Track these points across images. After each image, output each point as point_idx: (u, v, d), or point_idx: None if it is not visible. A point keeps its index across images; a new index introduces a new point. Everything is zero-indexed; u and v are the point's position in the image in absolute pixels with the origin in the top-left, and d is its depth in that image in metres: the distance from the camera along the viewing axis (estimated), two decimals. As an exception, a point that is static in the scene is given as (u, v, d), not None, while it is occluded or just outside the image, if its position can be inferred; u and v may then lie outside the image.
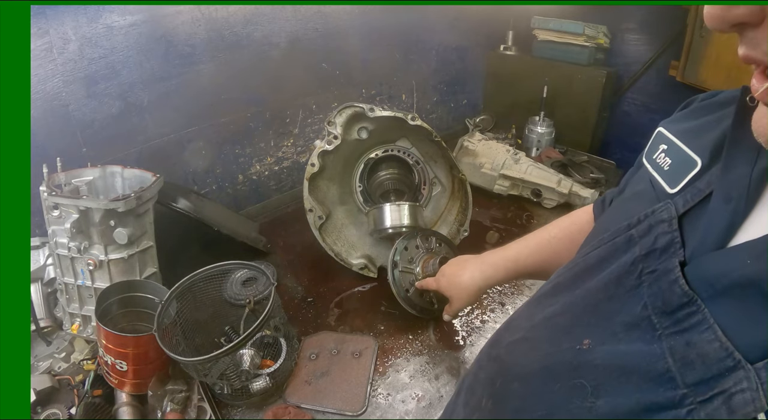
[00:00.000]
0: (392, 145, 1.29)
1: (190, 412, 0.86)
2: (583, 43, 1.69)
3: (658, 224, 0.44)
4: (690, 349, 0.35)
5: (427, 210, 1.34)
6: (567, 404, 0.43)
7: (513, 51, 1.97)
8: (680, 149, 0.50)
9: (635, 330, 0.41)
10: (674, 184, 0.47)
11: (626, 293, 0.43)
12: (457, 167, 1.21)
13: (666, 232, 0.43)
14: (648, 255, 0.43)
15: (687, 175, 0.46)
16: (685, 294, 0.37)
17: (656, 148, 0.53)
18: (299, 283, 1.23)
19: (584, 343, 0.44)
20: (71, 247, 0.92)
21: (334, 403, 0.89)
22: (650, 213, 0.46)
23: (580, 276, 0.51)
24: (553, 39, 1.77)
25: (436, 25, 1.79)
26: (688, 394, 0.34)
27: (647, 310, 0.40)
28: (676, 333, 0.37)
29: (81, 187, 0.99)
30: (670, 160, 0.50)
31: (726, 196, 0.41)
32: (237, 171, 1.45)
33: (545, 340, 0.51)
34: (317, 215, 1.19)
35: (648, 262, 0.43)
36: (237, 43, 1.30)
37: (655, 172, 0.51)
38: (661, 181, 0.49)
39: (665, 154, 0.51)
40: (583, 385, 0.42)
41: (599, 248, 0.50)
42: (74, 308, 0.97)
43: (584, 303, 0.48)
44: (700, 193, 0.43)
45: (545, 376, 0.47)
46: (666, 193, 0.48)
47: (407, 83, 1.80)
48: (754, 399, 0.30)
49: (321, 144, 1.15)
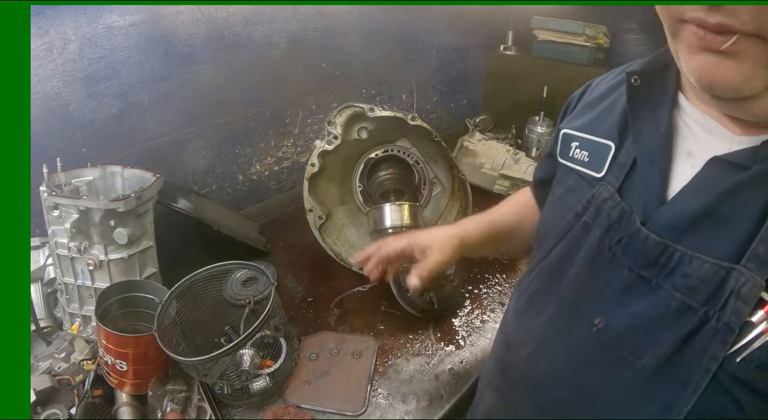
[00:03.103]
0: (392, 145, 1.29)
1: (190, 412, 0.86)
2: (583, 43, 1.69)
3: (603, 203, 0.50)
4: (689, 279, 0.42)
5: (427, 210, 1.34)
6: (618, 379, 0.47)
7: (513, 51, 1.97)
8: (591, 140, 0.56)
9: (633, 290, 0.46)
10: (599, 169, 0.53)
11: (606, 266, 0.49)
12: (457, 167, 1.21)
13: (614, 206, 0.49)
14: (608, 230, 0.49)
15: (606, 158, 0.53)
16: (659, 243, 0.44)
17: (568, 147, 0.59)
18: (299, 283, 1.23)
19: (596, 323, 0.49)
20: (71, 247, 0.92)
21: (334, 403, 0.89)
22: (591, 198, 0.52)
23: (554, 275, 0.56)
24: (553, 39, 1.77)
25: (436, 25, 1.78)
26: (708, 309, 0.40)
27: (633, 270, 0.46)
28: (668, 275, 0.43)
29: (81, 187, 0.99)
30: (587, 151, 0.56)
31: (649, 160, 0.48)
32: (237, 171, 1.45)
33: (559, 339, 0.54)
34: (317, 215, 1.19)
35: (611, 235, 0.48)
36: (237, 43, 1.30)
37: (577, 166, 0.57)
38: (587, 171, 0.55)
39: (579, 148, 0.57)
40: (621, 356, 0.46)
41: (559, 244, 0.55)
42: (74, 308, 0.97)
43: (573, 292, 0.52)
44: (625, 167, 0.50)
45: (581, 369, 0.50)
46: (596, 178, 0.53)
47: (407, 83, 1.80)
48: (754, 284, 0.38)
49: (321, 144, 1.15)
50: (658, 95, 0.50)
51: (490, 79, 2.05)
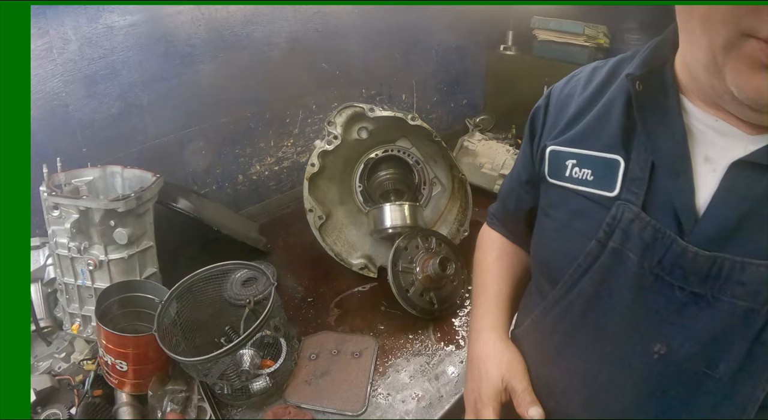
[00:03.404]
0: (392, 145, 1.29)
1: (190, 412, 0.86)
2: (583, 43, 1.69)
3: (630, 225, 0.47)
4: (747, 286, 0.41)
5: (427, 210, 1.34)
6: (699, 392, 0.45)
7: (513, 51, 1.96)
8: (591, 156, 0.52)
9: (687, 308, 0.44)
10: (610, 187, 0.50)
11: (652, 291, 0.46)
12: (457, 167, 1.21)
13: (643, 227, 0.46)
14: (645, 253, 0.46)
15: (616, 174, 0.49)
16: (709, 257, 0.42)
17: (561, 166, 0.54)
18: (299, 283, 1.23)
19: (656, 350, 0.46)
20: (71, 247, 0.92)
21: (334, 403, 0.89)
22: (612, 221, 0.48)
23: (589, 310, 0.51)
24: (553, 39, 1.77)
25: (436, 25, 1.78)
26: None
27: (684, 289, 0.44)
28: (722, 285, 0.42)
29: (81, 187, 0.99)
30: (589, 169, 0.52)
31: (672, 172, 0.45)
32: (237, 171, 1.45)
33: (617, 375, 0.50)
34: (317, 215, 1.19)
35: (650, 258, 0.45)
36: (237, 43, 1.30)
37: (580, 186, 0.52)
38: (595, 191, 0.51)
39: (578, 166, 0.53)
40: (697, 372, 0.45)
41: (586, 277, 0.51)
42: (74, 308, 0.97)
43: (620, 325, 0.49)
44: (642, 182, 0.47)
45: (652, 397, 0.48)
46: (608, 198, 0.50)
47: (407, 83, 1.80)
48: None
49: (321, 144, 1.15)
50: (662, 99, 0.48)
51: (490, 79, 2.05)
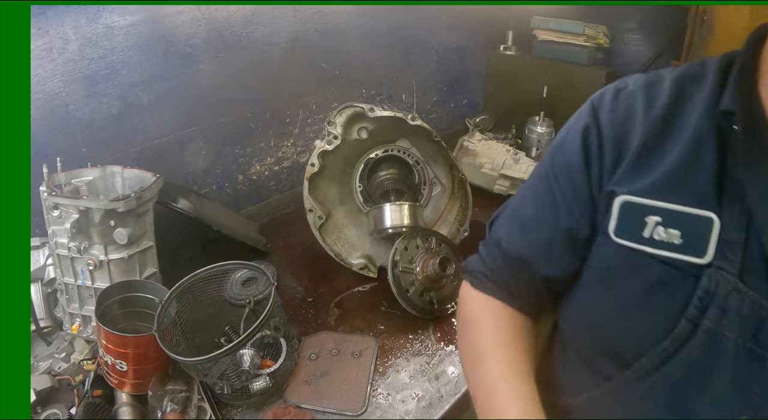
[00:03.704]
0: (392, 145, 1.29)
1: (190, 412, 0.86)
2: (583, 43, 1.69)
3: (726, 299, 0.41)
4: None
5: (427, 210, 1.34)
6: None
7: (513, 51, 1.97)
8: (682, 213, 0.43)
9: None
10: (700, 252, 0.42)
11: (746, 369, 0.42)
12: (457, 167, 1.21)
13: (741, 299, 0.40)
14: (743, 331, 0.41)
15: (709, 236, 0.42)
16: None
17: (639, 223, 0.45)
18: (299, 283, 1.23)
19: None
20: (71, 247, 0.92)
21: (334, 403, 0.89)
22: (705, 296, 0.42)
23: (674, 394, 0.45)
24: (553, 39, 1.77)
25: (436, 25, 1.78)
26: None
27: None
28: None
29: (81, 187, 0.99)
30: (679, 230, 0.43)
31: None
32: (237, 171, 1.45)
33: None
34: (317, 215, 1.19)
35: (745, 334, 0.41)
36: (237, 43, 1.30)
37: (663, 251, 0.44)
38: (682, 257, 0.43)
39: (664, 225, 0.44)
40: None
41: (673, 360, 0.44)
42: (74, 308, 0.97)
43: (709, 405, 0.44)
44: (738, 245, 0.41)
45: None
46: (696, 265, 0.42)
47: (407, 83, 1.80)
48: None
49: (321, 144, 1.14)
50: (758, 141, 0.40)
51: (490, 79, 2.05)
